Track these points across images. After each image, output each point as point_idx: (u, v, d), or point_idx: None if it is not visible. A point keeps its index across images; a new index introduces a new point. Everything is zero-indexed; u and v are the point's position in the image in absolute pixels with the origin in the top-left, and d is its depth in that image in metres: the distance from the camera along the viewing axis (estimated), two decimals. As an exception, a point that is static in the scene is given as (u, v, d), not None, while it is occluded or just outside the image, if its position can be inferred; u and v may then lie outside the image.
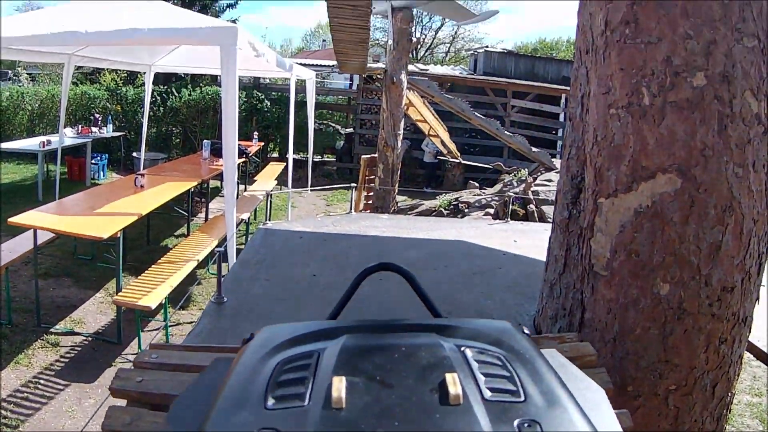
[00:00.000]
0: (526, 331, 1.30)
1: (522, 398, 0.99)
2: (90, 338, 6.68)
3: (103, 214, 6.87)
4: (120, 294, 6.20)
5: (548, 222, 11.21)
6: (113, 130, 16.09)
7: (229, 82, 6.43)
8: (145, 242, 10.10)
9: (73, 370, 6.01)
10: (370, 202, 11.74)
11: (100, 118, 15.68)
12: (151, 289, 6.22)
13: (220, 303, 3.64)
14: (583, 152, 2.87)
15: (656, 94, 2.45)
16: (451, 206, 13.07)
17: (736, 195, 2.39)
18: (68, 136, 13.82)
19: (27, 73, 23.02)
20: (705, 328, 2.53)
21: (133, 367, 1.95)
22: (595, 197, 2.73)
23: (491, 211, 12.34)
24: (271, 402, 0.98)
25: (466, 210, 12.78)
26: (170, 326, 7.01)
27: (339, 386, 0.95)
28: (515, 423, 0.93)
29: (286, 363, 1.08)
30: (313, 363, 1.05)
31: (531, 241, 5.36)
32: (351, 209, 6.28)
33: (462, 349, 1.09)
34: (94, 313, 7.30)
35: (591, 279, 2.82)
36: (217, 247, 7.26)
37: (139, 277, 6.64)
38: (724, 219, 2.42)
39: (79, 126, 15.20)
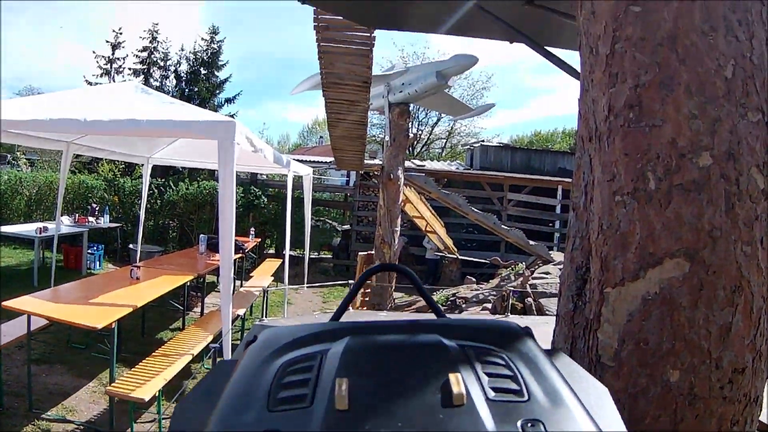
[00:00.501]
0: (529, 329, 1.26)
1: (526, 398, 0.98)
2: (82, 427, 6.50)
3: (97, 304, 6.75)
4: (113, 384, 6.06)
5: (547, 315, 11.20)
6: (110, 221, 15.90)
7: (227, 177, 6.30)
8: (140, 334, 9.86)
9: None
10: (368, 299, 11.52)
11: (97, 208, 15.53)
12: (145, 381, 6.07)
13: None
14: (587, 242, 2.79)
15: (662, 178, 2.37)
16: (449, 302, 12.93)
17: (745, 274, 2.30)
18: (65, 224, 13.76)
19: (26, 158, 23.19)
20: (716, 412, 2.41)
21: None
22: (601, 287, 2.64)
23: (489, 306, 12.15)
24: (274, 404, 0.97)
25: (463, 306, 12.67)
26: (164, 419, 6.75)
27: (342, 387, 0.94)
28: (519, 423, 0.93)
29: (290, 365, 1.06)
30: (316, 364, 1.04)
31: (534, 331, 5.24)
32: (348, 308, 6.20)
33: (465, 349, 1.08)
34: (86, 402, 7.11)
35: (598, 371, 2.70)
36: (212, 342, 7.07)
37: (134, 369, 6.51)
38: (733, 300, 2.32)
39: (76, 215, 14.99)
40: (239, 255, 12.67)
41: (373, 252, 11.40)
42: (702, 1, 2.47)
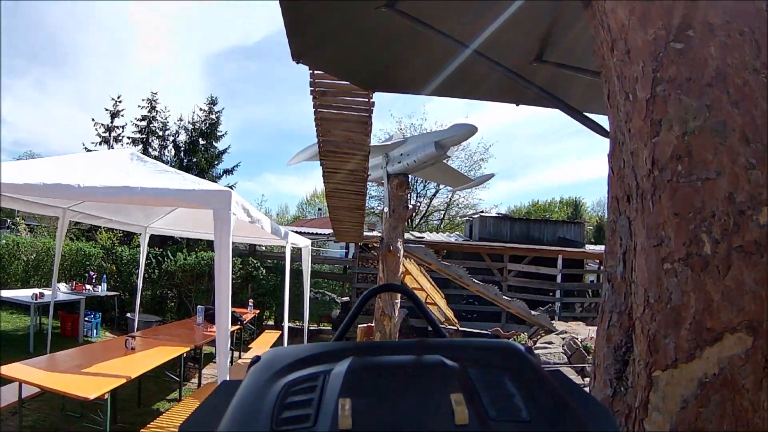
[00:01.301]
0: (531, 349, 1.22)
1: (527, 418, 0.96)
2: None
3: (91, 374, 6.63)
4: None
5: None
6: (107, 289, 15.63)
7: (222, 247, 6.11)
8: (135, 404, 9.56)
9: None
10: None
11: (94, 276, 15.35)
12: None
13: None
14: (628, 318, 2.39)
15: (719, 240, 2.02)
16: None
17: (816, 349, 1.95)
18: (62, 291, 13.55)
19: (26, 224, 22.93)
20: None
21: None
22: (649, 370, 2.23)
23: None
24: (277, 423, 0.95)
25: None
26: None
27: (345, 407, 0.92)
28: None
29: (293, 385, 1.04)
30: (319, 384, 1.02)
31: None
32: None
33: (467, 369, 1.06)
34: None
35: (646, 467, 2.27)
36: None
37: None
38: (804, 378, 1.96)
39: (74, 282, 14.85)
40: (237, 326, 12.53)
41: (372, 324, 11.00)
42: (750, 35, 2.10)
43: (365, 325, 11.75)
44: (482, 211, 28.32)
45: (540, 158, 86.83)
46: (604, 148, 2.66)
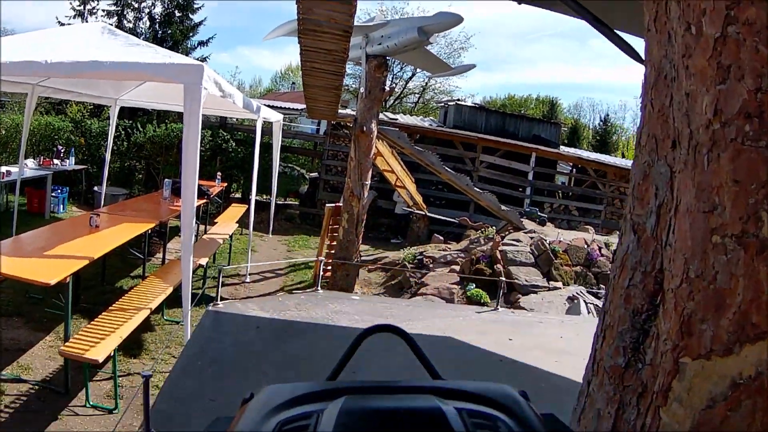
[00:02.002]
0: (525, 393, 1.16)
1: None
2: (37, 387, 6.10)
3: (53, 257, 6.40)
4: (67, 344, 5.68)
5: (519, 286, 10.86)
6: (75, 163, 15.23)
7: (192, 121, 5.99)
8: (99, 282, 9.39)
9: (18, 423, 5.46)
10: (333, 251, 11.17)
11: (62, 150, 14.84)
12: (100, 339, 5.69)
13: None
14: (654, 282, 2.02)
15: (785, 223, 1.63)
16: (416, 260, 12.64)
17: None
18: (29, 168, 13.08)
19: (-6, 101, 21.90)
20: None
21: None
22: (677, 355, 1.86)
23: (457, 267, 11.96)
24: None
25: (430, 265, 12.39)
26: (120, 376, 6.41)
27: None
28: None
29: (285, 424, 1.01)
30: (312, 424, 1.00)
31: (525, 338, 4.52)
32: (318, 285, 5.36)
33: (462, 413, 1.01)
34: (42, 358, 6.72)
35: (656, 464, 1.95)
36: (173, 290, 6.56)
37: (89, 326, 6.13)
38: None
39: (41, 157, 14.34)
40: (204, 200, 12.41)
41: (341, 203, 10.96)
42: None
43: (333, 204, 11.68)
44: (458, 100, 27.67)
45: (518, 57, 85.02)
46: (588, 55, 2.15)
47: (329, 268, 11.00)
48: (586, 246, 11.90)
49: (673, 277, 1.86)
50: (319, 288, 5.29)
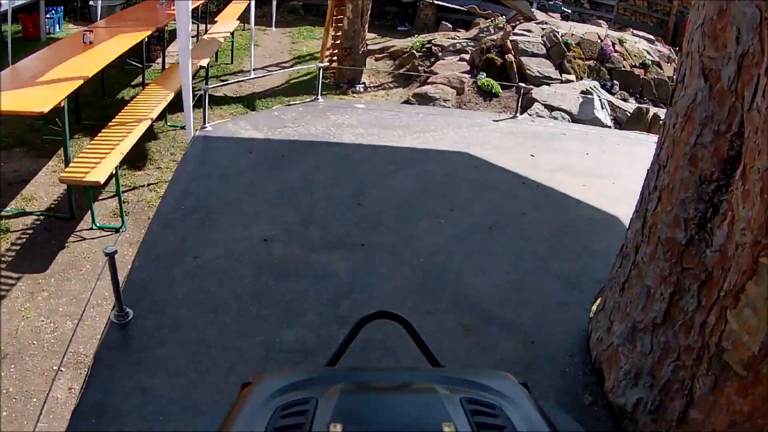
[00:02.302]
0: (525, 382, 1.18)
1: None
2: (42, 217, 5.98)
3: (46, 83, 6.01)
4: (67, 170, 5.59)
5: (531, 79, 10.20)
6: None
7: None
8: (100, 97, 8.95)
9: (25, 258, 5.38)
10: (338, 42, 10.65)
11: None
12: (100, 160, 5.59)
13: (121, 322, 2.39)
14: (729, 146, 1.58)
15: None
16: (424, 48, 11.98)
17: None
18: None
19: None
20: None
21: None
22: (757, 253, 1.46)
23: (467, 57, 11.37)
24: None
25: (439, 54, 11.75)
26: (126, 191, 6.41)
27: None
28: None
29: (284, 409, 1.00)
30: (311, 409, 0.98)
31: (549, 155, 4.11)
32: (318, 94, 4.85)
33: (460, 399, 1.00)
34: (46, 186, 6.52)
35: (715, 370, 1.62)
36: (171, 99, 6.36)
37: (88, 146, 6.05)
38: None
39: None
40: (202, 0, 11.78)
41: None
42: None
43: None
44: None
45: None
46: None
47: (335, 59, 10.55)
48: (599, 41, 11.22)
49: (759, 152, 1.42)
50: (319, 96, 4.78)
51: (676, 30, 15.06)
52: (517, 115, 4.95)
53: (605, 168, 4.25)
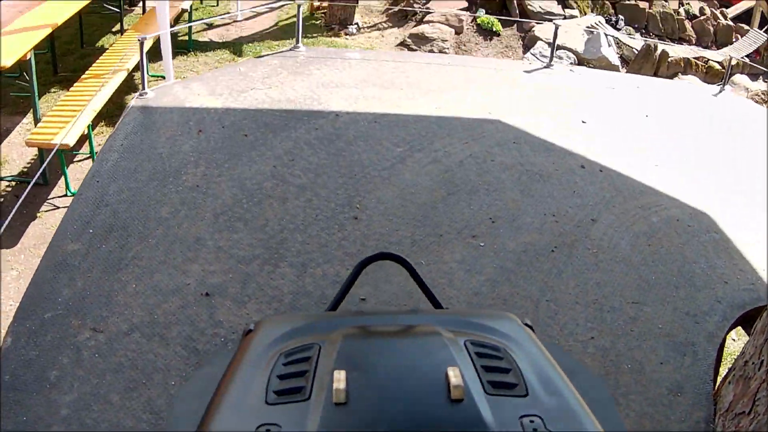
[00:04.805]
0: (528, 323, 1.07)
1: (524, 393, 0.84)
2: (14, 182, 5.12)
3: (11, 32, 5.15)
4: (34, 131, 4.86)
5: (532, 15, 8.80)
6: None
7: None
8: (78, 46, 7.57)
9: None
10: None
11: None
12: (70, 119, 4.71)
13: None
14: None
15: None
16: None
17: None
18: None
19: None
20: None
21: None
22: None
23: None
24: (272, 396, 0.83)
25: None
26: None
27: (340, 380, 0.80)
28: (518, 418, 0.79)
29: (287, 355, 0.90)
30: (313, 356, 0.88)
31: (604, 120, 2.84)
32: (298, 40, 3.44)
33: (464, 342, 0.92)
34: (19, 146, 5.55)
35: None
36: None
37: (59, 103, 5.23)
38: None
39: None
40: None
41: None
42: None
43: None
44: None
45: None
46: None
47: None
48: (603, -31, 9.79)
49: None
50: (299, 44, 3.40)
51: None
52: (552, 63, 3.59)
53: (674, 137, 2.97)
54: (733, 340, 3.03)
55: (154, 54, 6.05)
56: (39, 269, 1.78)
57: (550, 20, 8.52)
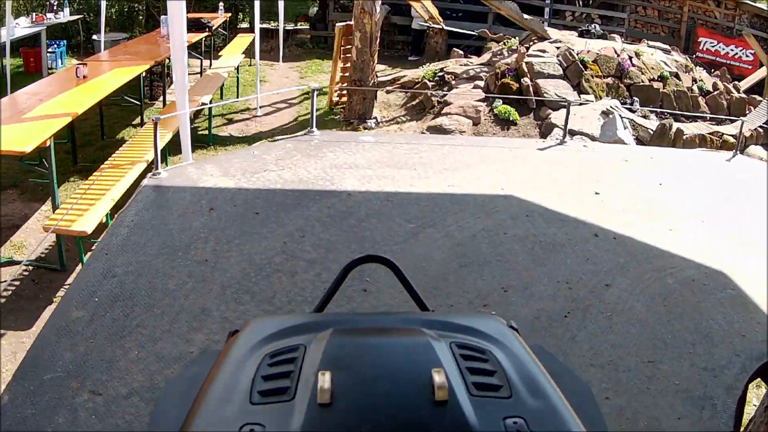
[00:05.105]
0: (514, 325, 1.10)
1: (509, 394, 0.86)
2: (31, 267, 5.10)
3: (32, 119, 5.23)
4: (52, 217, 4.78)
5: (548, 103, 8.95)
6: (70, 14, 12.60)
7: None
8: (99, 137, 7.82)
9: (10, 312, 4.54)
10: (347, 74, 9.43)
11: (55, 3, 12.14)
12: (89, 207, 4.68)
13: None
14: None
15: None
16: (437, 77, 10.67)
17: None
18: (21, 27, 10.81)
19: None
20: None
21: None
22: None
23: (481, 83, 10.04)
24: (256, 396, 0.85)
25: (453, 82, 10.41)
26: None
27: (325, 381, 0.81)
28: (502, 419, 0.81)
29: (272, 356, 0.93)
30: (299, 356, 0.91)
31: (617, 189, 2.82)
32: (312, 124, 3.51)
33: (449, 344, 0.94)
34: (37, 232, 5.63)
35: None
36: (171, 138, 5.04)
37: (78, 191, 5.19)
38: None
39: (33, 14, 11.86)
40: (205, 33, 10.48)
41: (352, 22, 9.09)
42: None
43: (344, 23, 9.74)
44: None
45: None
46: None
47: (345, 93, 9.29)
48: (616, 55, 9.90)
49: None
50: (314, 128, 3.48)
51: (689, 37, 14.00)
52: (565, 139, 3.60)
53: (687, 201, 2.94)
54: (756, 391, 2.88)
55: (174, 148, 6.20)
56: (42, 333, 1.77)
57: (566, 107, 8.64)
